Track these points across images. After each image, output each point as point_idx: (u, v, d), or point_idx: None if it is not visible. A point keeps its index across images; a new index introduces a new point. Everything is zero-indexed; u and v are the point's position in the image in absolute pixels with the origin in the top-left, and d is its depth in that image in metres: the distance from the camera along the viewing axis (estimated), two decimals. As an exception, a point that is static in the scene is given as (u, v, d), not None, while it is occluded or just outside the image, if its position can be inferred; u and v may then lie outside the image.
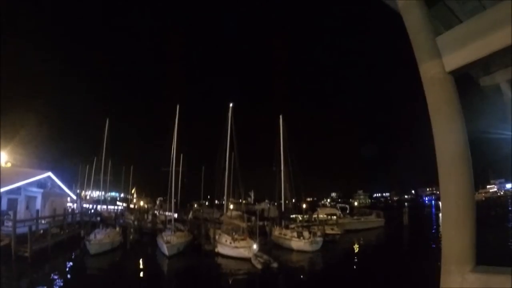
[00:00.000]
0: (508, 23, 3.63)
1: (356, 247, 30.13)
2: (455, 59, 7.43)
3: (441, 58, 8.40)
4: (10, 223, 18.93)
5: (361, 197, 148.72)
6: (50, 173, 28.05)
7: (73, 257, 21.61)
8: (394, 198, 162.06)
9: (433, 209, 70.55)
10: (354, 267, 23.15)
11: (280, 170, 33.20)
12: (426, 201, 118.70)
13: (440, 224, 10.57)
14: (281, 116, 33.74)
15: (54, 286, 14.72)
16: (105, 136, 39.37)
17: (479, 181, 73.37)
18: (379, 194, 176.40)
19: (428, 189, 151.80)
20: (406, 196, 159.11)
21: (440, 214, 18.38)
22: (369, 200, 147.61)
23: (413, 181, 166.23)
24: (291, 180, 32.97)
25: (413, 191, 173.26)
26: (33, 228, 20.06)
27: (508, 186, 74.93)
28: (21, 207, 24.18)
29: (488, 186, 79.14)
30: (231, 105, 32.53)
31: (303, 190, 36.88)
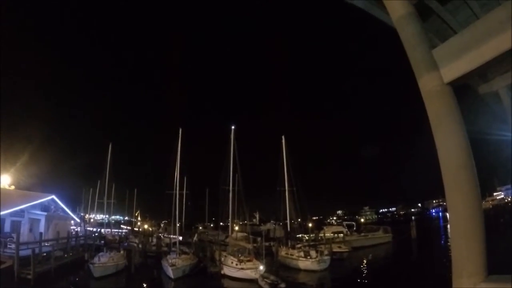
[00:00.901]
0: (500, 31, 3.68)
1: (364, 264, 29.40)
2: (452, 70, 7.48)
3: (438, 70, 8.47)
4: (13, 245, 18.81)
5: (367, 213, 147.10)
6: (53, 196, 28.14)
7: (76, 280, 21.37)
8: (401, 212, 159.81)
9: (441, 221, 69.43)
10: (363, 285, 22.62)
11: (285, 190, 32.88)
12: (433, 214, 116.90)
13: (449, 236, 10.18)
14: (283, 137, 33.90)
15: None
16: (108, 160, 39.41)
17: (485, 189, 72.37)
18: (386, 209, 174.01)
19: (434, 201, 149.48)
20: (412, 210, 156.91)
21: (448, 226, 17.86)
22: (376, 216, 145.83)
23: (419, 194, 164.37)
24: (295, 200, 32.67)
25: (419, 204, 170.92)
26: (37, 250, 19.92)
27: None
28: (24, 230, 24.11)
29: (494, 194, 77.87)
30: (233, 127, 32.81)
31: (309, 209, 36.46)
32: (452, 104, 9.88)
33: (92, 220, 57.00)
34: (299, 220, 37.36)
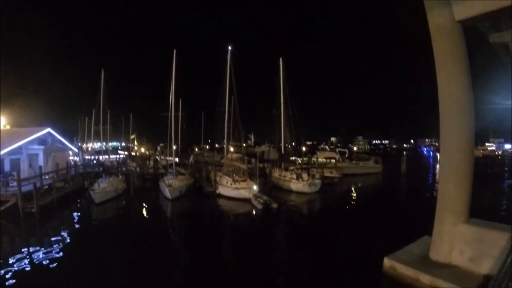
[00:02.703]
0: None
1: (353, 190, 30.72)
2: (465, 9, 6.73)
3: (451, 7, 7.60)
4: (15, 183, 18.99)
5: (361, 143, 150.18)
6: (49, 129, 27.70)
7: (79, 207, 22.13)
8: (393, 146, 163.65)
9: (431, 160, 71.34)
10: (350, 208, 23.72)
11: (280, 113, 32.74)
12: (425, 152, 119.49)
13: (437, 175, 10.33)
14: (281, 59, 32.62)
15: (62, 237, 15.18)
16: (101, 87, 38.50)
17: (479, 139, 73.61)
18: (378, 141, 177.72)
19: (427, 140, 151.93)
20: (405, 145, 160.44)
21: (438, 166, 17.98)
22: (368, 147, 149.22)
23: (413, 131, 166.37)
24: (290, 123, 32.72)
25: (412, 141, 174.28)
26: (38, 184, 20.24)
27: (507, 146, 74.97)
28: (24, 166, 24.23)
29: (487, 144, 79.17)
30: (229, 48, 31.23)
31: (303, 133, 36.82)
32: (460, 44, 9.10)
33: (90, 149, 57.76)
34: (293, 143, 37.86)
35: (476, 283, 8.57)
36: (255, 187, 23.55)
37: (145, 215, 21.62)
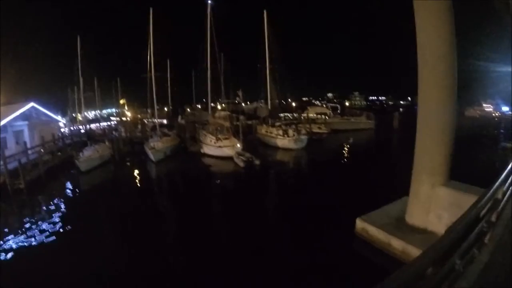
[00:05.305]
0: None
1: (341, 147, 29.99)
2: None
3: None
4: (1, 162, 18.66)
5: (357, 98, 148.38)
6: (33, 103, 26.93)
7: (66, 178, 21.94)
8: (390, 103, 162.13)
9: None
10: (335, 165, 22.87)
11: (266, 68, 31.57)
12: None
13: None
14: (265, 11, 30.89)
15: (50, 209, 15.13)
16: (78, 54, 37.38)
17: (476, 99, 71.96)
18: (375, 97, 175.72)
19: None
20: (401, 102, 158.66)
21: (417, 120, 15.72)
22: (365, 102, 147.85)
23: (410, 88, 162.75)
24: (275, 79, 31.64)
25: (409, 98, 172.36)
26: (24, 160, 19.98)
27: (505, 108, 73.24)
28: (11, 144, 23.69)
29: (484, 105, 77.54)
30: (209, 1, 29.59)
31: (299, 89, 36.04)
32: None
33: (81, 118, 57.08)
34: (282, 100, 36.97)
35: None
36: (238, 145, 23.34)
37: (129, 179, 21.50)
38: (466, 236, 2.93)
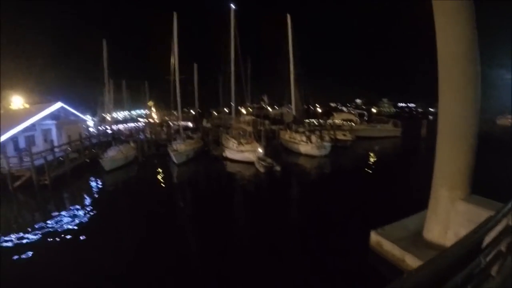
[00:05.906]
0: None
1: (365, 155, 28.58)
2: None
3: None
4: (28, 158, 19.60)
5: (386, 105, 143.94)
6: (61, 104, 28.14)
7: (90, 176, 22.63)
8: (419, 110, 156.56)
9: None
10: (359, 174, 21.55)
11: (289, 72, 31.21)
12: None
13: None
14: (288, 15, 30.68)
15: (73, 205, 15.72)
16: (104, 58, 39.05)
17: (510, 106, 67.83)
18: (404, 104, 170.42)
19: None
20: (431, 109, 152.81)
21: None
22: (394, 109, 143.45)
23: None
24: (300, 84, 31.24)
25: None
26: (50, 157, 20.93)
27: None
28: (39, 142, 24.80)
29: None
30: (232, 6, 29.79)
31: (327, 94, 35.77)
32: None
33: (110, 118, 59.18)
34: (308, 105, 36.50)
35: None
36: (260, 150, 23.12)
37: (150, 180, 21.75)
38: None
